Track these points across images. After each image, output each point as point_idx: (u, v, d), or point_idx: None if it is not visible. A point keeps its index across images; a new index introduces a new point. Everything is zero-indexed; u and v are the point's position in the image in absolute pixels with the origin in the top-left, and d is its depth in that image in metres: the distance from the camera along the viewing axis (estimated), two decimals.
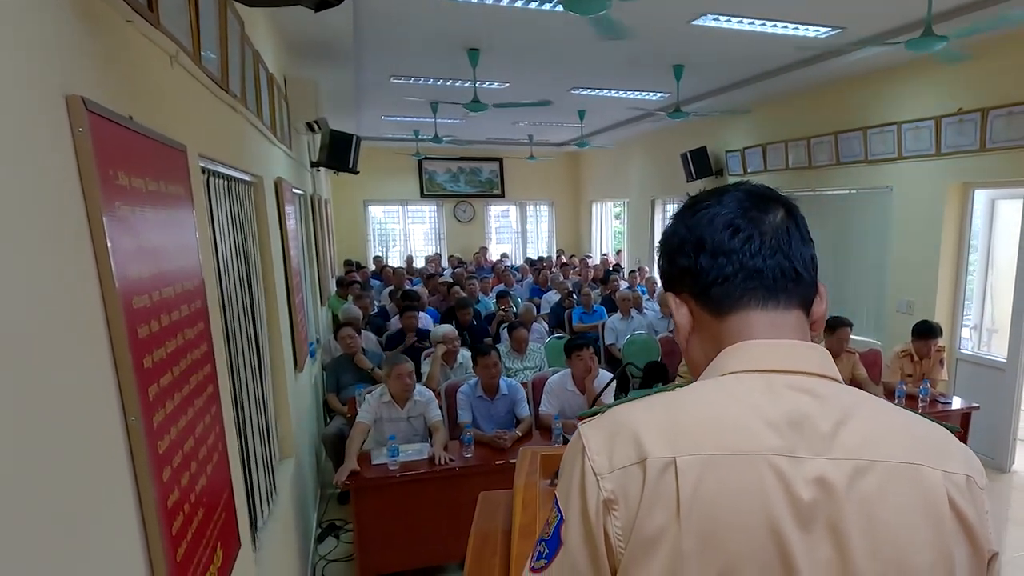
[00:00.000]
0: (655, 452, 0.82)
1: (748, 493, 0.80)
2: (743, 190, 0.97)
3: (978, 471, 0.86)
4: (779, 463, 0.81)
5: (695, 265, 0.95)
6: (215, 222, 2.42)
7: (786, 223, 0.94)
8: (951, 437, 0.89)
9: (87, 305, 1.13)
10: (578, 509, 0.86)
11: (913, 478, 0.81)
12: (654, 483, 0.81)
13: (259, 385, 3.06)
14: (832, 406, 0.85)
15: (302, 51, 5.71)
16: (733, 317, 0.93)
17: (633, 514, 0.82)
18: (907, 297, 6.47)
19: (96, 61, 1.28)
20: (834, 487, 0.80)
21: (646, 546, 0.81)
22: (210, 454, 1.72)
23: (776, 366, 0.88)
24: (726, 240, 0.93)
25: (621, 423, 0.87)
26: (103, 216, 1.15)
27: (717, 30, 5.29)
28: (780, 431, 0.82)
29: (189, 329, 1.64)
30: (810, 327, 0.97)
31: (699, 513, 0.79)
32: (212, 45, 2.37)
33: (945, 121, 5.80)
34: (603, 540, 0.83)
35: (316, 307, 7.14)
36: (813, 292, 0.96)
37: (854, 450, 0.82)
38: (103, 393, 1.15)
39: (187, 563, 1.42)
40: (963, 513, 0.82)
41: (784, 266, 0.92)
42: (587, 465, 0.86)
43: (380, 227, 15.55)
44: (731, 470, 0.81)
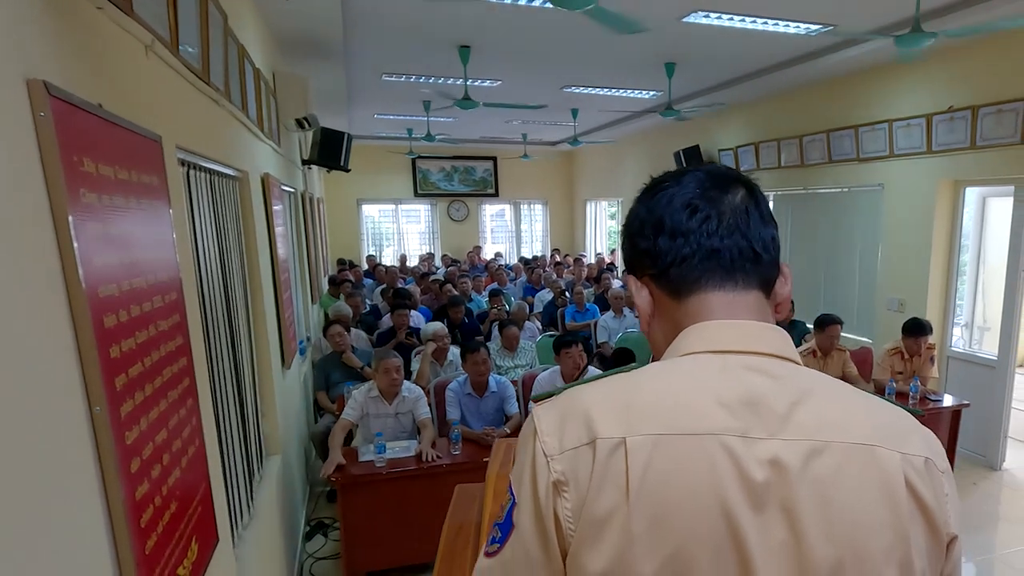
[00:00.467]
0: (605, 432, 0.81)
1: (699, 473, 0.78)
2: (704, 170, 0.95)
3: (938, 454, 0.85)
4: (731, 443, 0.79)
5: (654, 247, 0.93)
6: (195, 215, 2.41)
7: (746, 203, 0.92)
8: (912, 420, 0.88)
9: (49, 291, 1.11)
10: (529, 491, 0.84)
11: (869, 459, 0.80)
12: (604, 463, 0.80)
13: (244, 381, 3.05)
14: (788, 387, 0.83)
15: (291, 47, 5.69)
16: (692, 298, 0.91)
17: (583, 495, 0.80)
18: (898, 295, 6.47)
19: (63, 47, 1.26)
20: (787, 468, 0.78)
21: (595, 527, 0.79)
22: (185, 447, 1.70)
23: (733, 347, 0.86)
24: (684, 220, 0.91)
25: (573, 404, 0.86)
26: (66, 202, 1.13)
27: (707, 27, 5.27)
28: (734, 411, 0.81)
29: (163, 321, 1.62)
30: (775, 308, 0.96)
31: (649, 494, 0.78)
32: (192, 37, 2.35)
33: (936, 119, 5.80)
34: (553, 522, 0.82)
35: (307, 305, 7.12)
36: (774, 273, 0.95)
37: (809, 431, 0.80)
38: (65, 381, 1.14)
39: (157, 556, 1.40)
40: (920, 495, 0.80)
41: (742, 246, 0.90)
42: (538, 447, 0.85)
43: (374, 226, 15.52)
44: (682, 450, 0.79)
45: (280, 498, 3.61)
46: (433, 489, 3.92)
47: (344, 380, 5.50)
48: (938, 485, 0.83)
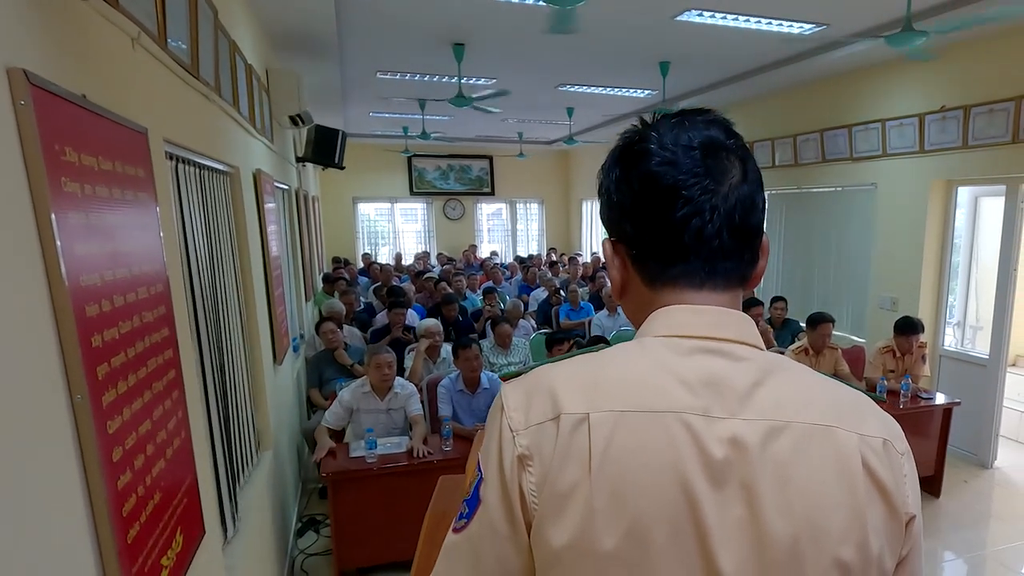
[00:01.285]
0: (569, 408, 0.82)
1: (659, 450, 0.79)
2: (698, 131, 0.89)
3: (897, 436, 0.87)
4: (692, 421, 0.80)
5: (631, 229, 0.91)
6: (184, 209, 2.41)
7: (738, 189, 0.87)
8: (872, 404, 0.89)
9: (29, 279, 1.11)
10: (495, 466, 0.85)
11: (827, 440, 0.81)
12: (567, 438, 0.81)
13: (235, 376, 3.05)
14: (749, 369, 0.84)
15: (285, 44, 5.68)
16: (666, 292, 0.90)
17: (547, 469, 0.81)
18: (891, 294, 6.49)
19: (45, 37, 1.26)
20: (747, 447, 0.79)
21: (558, 502, 0.80)
22: (170, 438, 1.71)
23: (698, 332, 0.86)
24: (669, 213, 0.86)
25: (539, 381, 0.87)
26: (47, 190, 1.13)
27: (701, 26, 5.28)
28: (695, 391, 0.82)
29: (148, 312, 1.62)
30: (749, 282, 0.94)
31: (610, 469, 0.79)
32: (181, 31, 2.35)
33: (928, 118, 5.83)
34: (518, 496, 0.83)
35: (301, 302, 7.12)
36: (754, 265, 0.92)
37: (768, 411, 0.82)
38: (46, 369, 1.14)
39: (140, 545, 1.40)
40: (878, 475, 0.82)
41: (728, 247, 0.87)
42: (504, 422, 0.86)
43: (370, 225, 15.53)
44: (643, 427, 0.80)
45: (271, 493, 3.61)
46: (424, 485, 3.88)
47: (337, 377, 5.50)
48: (896, 466, 0.84)
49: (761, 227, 0.92)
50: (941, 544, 4.59)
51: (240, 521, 2.85)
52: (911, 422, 4.92)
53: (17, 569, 1.02)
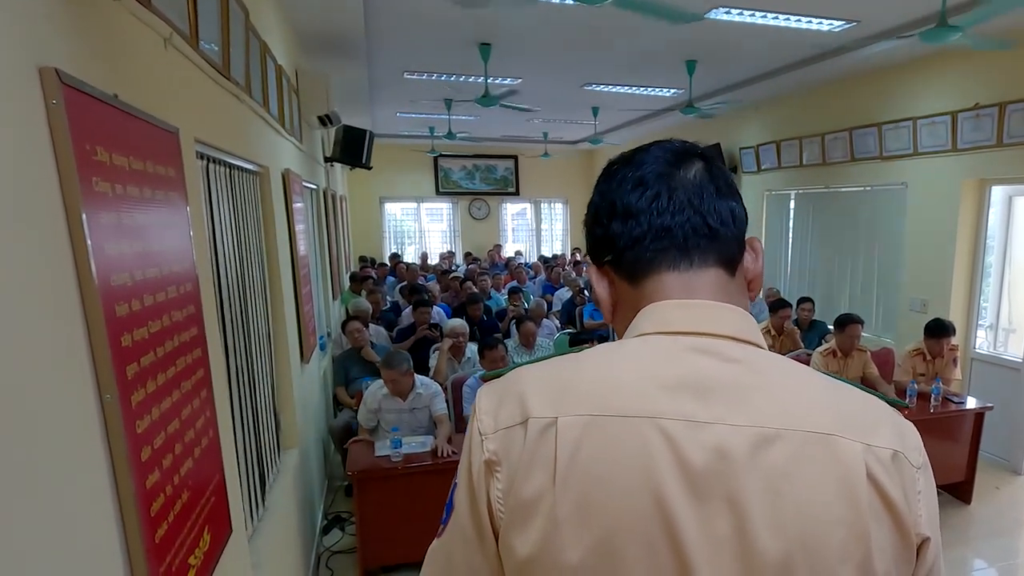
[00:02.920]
0: (537, 412, 0.78)
1: (630, 458, 0.74)
2: (660, 146, 0.91)
3: (912, 448, 0.79)
4: (670, 427, 0.74)
5: (608, 231, 0.89)
6: (215, 208, 2.42)
7: (700, 177, 0.87)
8: (886, 410, 0.82)
9: (60, 279, 1.11)
10: (466, 471, 0.83)
11: (826, 450, 0.74)
12: (534, 444, 0.77)
13: (262, 374, 3.06)
14: (742, 370, 0.78)
15: (314, 45, 5.71)
16: (647, 281, 0.87)
17: (513, 476, 0.78)
18: (921, 296, 6.39)
19: (77, 37, 1.27)
20: (733, 456, 0.73)
21: (523, 510, 0.77)
22: (198, 437, 1.71)
23: (684, 328, 0.82)
24: (634, 201, 0.87)
25: (512, 384, 0.84)
26: (79, 190, 1.14)
27: (729, 24, 5.23)
28: (676, 394, 0.76)
29: (177, 311, 1.63)
30: (747, 285, 0.92)
31: (577, 478, 0.75)
32: (213, 32, 2.36)
33: (961, 116, 5.71)
34: (485, 502, 0.80)
35: (328, 301, 7.17)
36: (736, 248, 0.88)
37: (761, 417, 0.75)
38: (76, 368, 1.14)
39: (168, 544, 1.41)
40: (885, 491, 0.74)
41: (695, 222, 0.85)
42: (475, 425, 0.83)
43: (397, 224, 15.59)
44: (613, 433, 0.75)
45: (297, 491, 3.63)
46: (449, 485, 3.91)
47: (363, 376, 5.52)
48: (909, 481, 0.77)
49: (737, 215, 0.88)
50: (972, 552, 4.51)
51: (266, 519, 2.87)
52: (942, 427, 4.84)
53: (45, 567, 1.03)
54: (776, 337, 6.33)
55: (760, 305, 7.73)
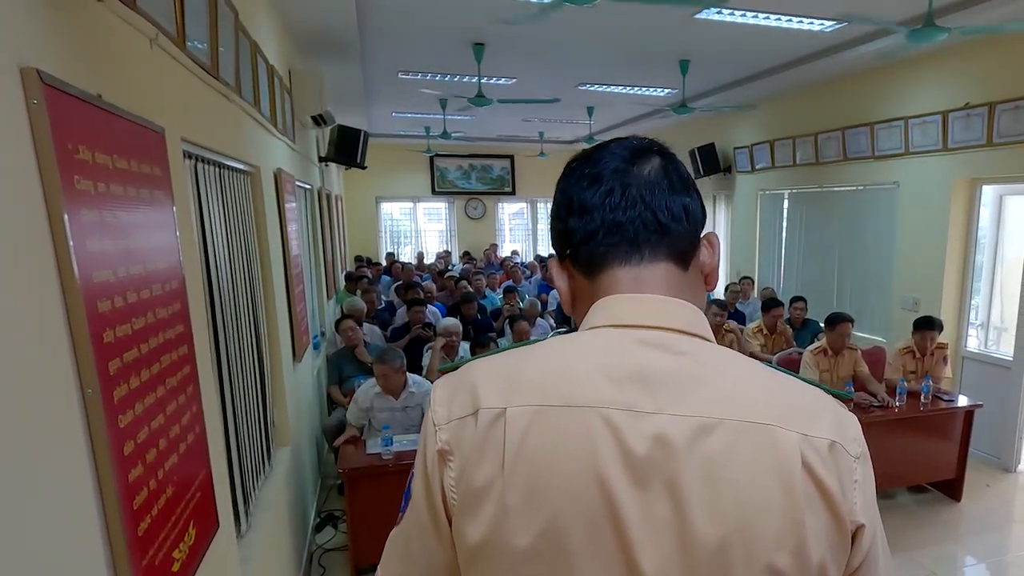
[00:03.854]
0: (487, 403, 0.81)
1: (575, 446, 0.77)
2: (619, 143, 0.92)
3: (851, 439, 0.81)
4: (614, 416, 0.77)
5: (566, 227, 0.91)
6: (204, 208, 2.44)
7: (656, 174, 0.89)
8: (830, 403, 0.84)
9: (41, 275, 1.13)
10: (421, 460, 0.86)
11: (763, 439, 0.77)
12: (484, 433, 0.80)
13: (253, 372, 3.08)
14: (687, 362, 0.81)
15: (307, 45, 5.72)
16: (601, 276, 0.89)
17: (464, 465, 0.81)
18: (913, 294, 6.42)
19: (60, 37, 1.29)
20: (673, 444, 0.76)
21: (474, 497, 0.80)
22: (184, 433, 1.73)
23: (633, 321, 0.84)
24: (589, 197, 0.88)
25: (465, 376, 0.87)
26: (60, 188, 1.15)
27: (721, 24, 5.26)
28: (621, 385, 0.79)
29: (162, 308, 1.64)
30: (704, 279, 0.94)
31: (524, 466, 0.77)
32: (201, 32, 2.37)
33: (952, 116, 5.74)
34: (439, 491, 0.83)
35: (323, 300, 7.18)
36: (688, 243, 0.90)
37: (701, 407, 0.78)
38: (58, 364, 1.16)
39: (151, 537, 1.43)
40: (820, 480, 0.76)
41: (646, 217, 0.87)
42: (429, 416, 0.86)
43: (393, 224, 15.60)
44: (560, 422, 0.78)
45: (289, 489, 3.64)
46: None
47: (356, 374, 5.53)
48: (845, 470, 0.79)
49: (690, 211, 0.90)
50: (962, 549, 4.54)
51: (257, 515, 2.89)
52: (932, 425, 4.87)
53: (28, 560, 1.05)
54: (768, 336, 6.36)
55: (754, 304, 7.77)
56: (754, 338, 6.32)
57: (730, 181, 9.62)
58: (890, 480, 4.92)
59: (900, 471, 4.87)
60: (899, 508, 4.98)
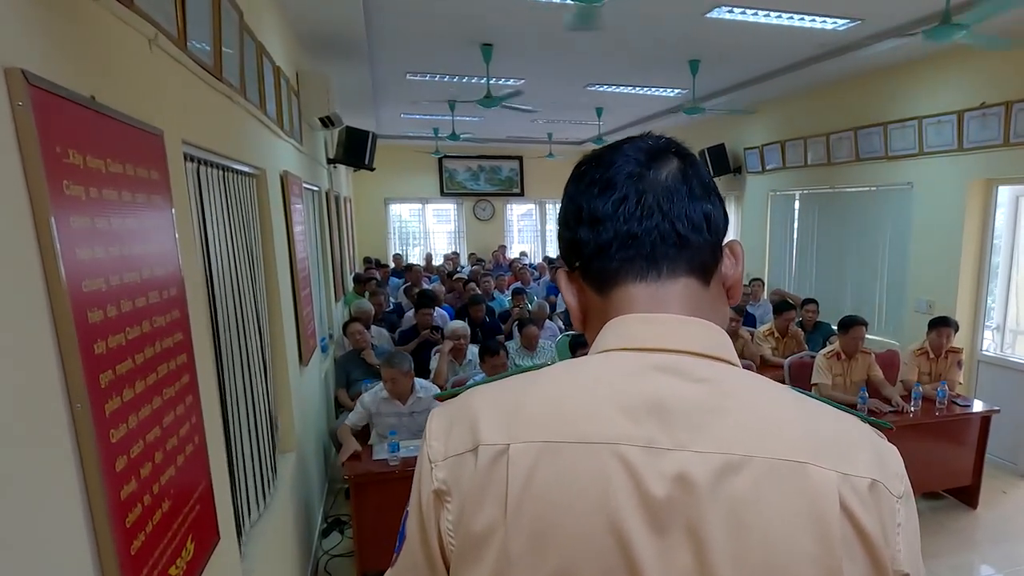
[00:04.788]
0: (488, 438, 0.74)
1: (586, 487, 0.70)
2: (632, 144, 0.84)
3: (894, 476, 0.73)
4: (629, 454, 0.70)
5: (576, 237, 0.83)
6: (206, 211, 2.40)
7: (674, 179, 0.81)
8: (868, 435, 0.76)
9: (26, 285, 1.09)
10: (416, 499, 0.79)
11: (796, 478, 0.69)
12: (485, 473, 0.72)
13: (257, 379, 3.03)
14: (709, 391, 0.73)
15: (315, 47, 5.70)
16: (614, 292, 0.81)
17: (463, 507, 0.74)
18: (927, 297, 6.33)
19: (49, 38, 1.24)
20: (696, 484, 0.68)
21: (474, 544, 0.72)
22: (182, 444, 1.68)
23: (648, 344, 0.76)
24: (600, 205, 0.80)
25: (464, 406, 0.79)
26: (47, 193, 1.11)
27: (731, 23, 5.19)
28: (637, 418, 0.71)
29: (159, 316, 1.60)
30: (727, 293, 0.86)
31: (530, 510, 0.70)
32: (204, 33, 2.34)
33: (968, 115, 5.65)
34: (436, 533, 0.76)
35: (331, 303, 7.15)
36: (711, 255, 0.82)
37: (727, 443, 0.70)
38: (45, 378, 1.11)
39: (146, 555, 1.38)
40: (860, 523, 0.69)
41: (663, 229, 0.79)
42: (425, 452, 0.79)
43: (402, 225, 15.59)
44: (569, 460, 0.71)
45: (294, 495, 3.60)
46: None
47: (364, 378, 5.49)
48: (887, 513, 0.71)
49: (712, 220, 0.82)
50: (978, 557, 4.46)
51: (262, 524, 2.84)
52: (947, 430, 4.79)
53: None
54: (779, 339, 6.29)
55: (764, 306, 7.69)
56: (765, 341, 6.25)
57: (740, 182, 9.54)
58: None
59: (915, 477, 4.58)
60: None
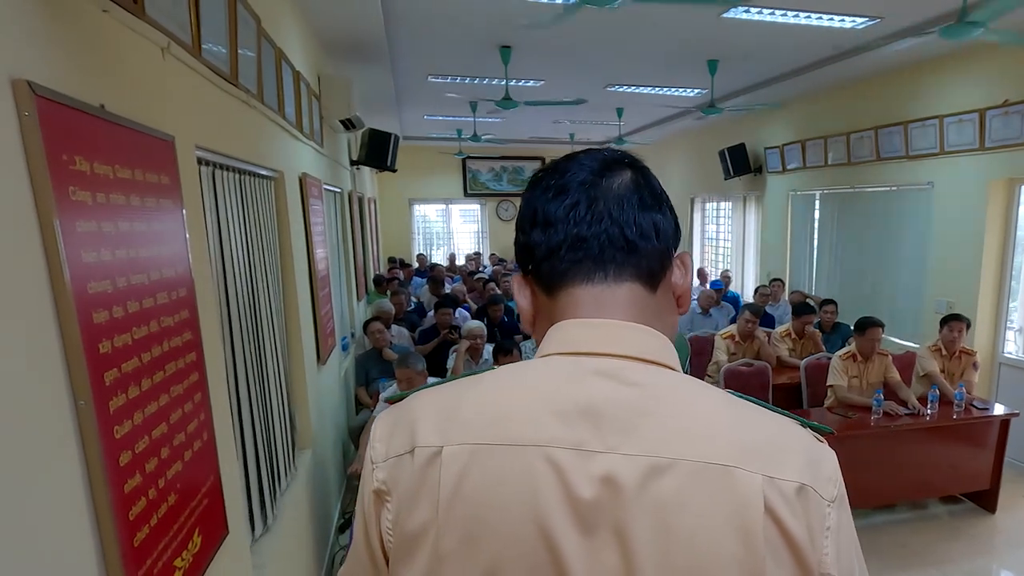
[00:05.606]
0: (424, 440, 0.76)
1: (515, 489, 0.71)
2: (589, 155, 0.86)
3: (827, 480, 0.74)
4: (559, 456, 0.71)
5: (529, 240, 0.85)
6: (221, 213, 2.45)
7: (626, 188, 0.83)
8: (802, 439, 0.77)
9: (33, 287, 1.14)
10: (360, 500, 0.82)
11: (722, 482, 0.70)
12: (420, 474, 0.75)
13: (275, 376, 3.09)
14: (644, 394, 0.74)
15: (337, 51, 5.78)
16: (562, 294, 0.83)
17: (400, 508, 0.76)
18: (947, 298, 6.26)
19: (58, 48, 1.29)
20: (622, 486, 0.70)
21: (409, 544, 0.75)
22: (190, 441, 1.74)
23: (588, 348, 0.78)
24: (553, 209, 0.82)
25: (408, 408, 0.82)
26: (52, 199, 1.16)
27: (749, 23, 5.19)
28: (569, 421, 0.73)
29: (168, 317, 1.65)
30: (676, 302, 0.88)
31: (461, 511, 0.72)
32: (220, 40, 2.39)
33: (990, 114, 5.58)
34: (377, 534, 0.79)
35: (353, 302, 7.23)
36: (658, 262, 0.83)
37: (655, 446, 0.71)
38: (50, 376, 1.16)
39: (148, 547, 1.42)
40: (785, 526, 0.69)
41: (612, 233, 0.81)
42: (368, 453, 0.82)
43: (427, 226, 15.70)
44: (499, 463, 0.72)
45: (310, 491, 3.66)
46: None
47: (382, 376, 5.55)
48: (816, 517, 0.71)
49: (660, 229, 0.84)
50: (996, 563, 4.40)
51: (277, 519, 2.90)
52: (966, 433, 4.73)
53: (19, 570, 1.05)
54: (797, 340, 6.25)
55: (784, 307, 7.65)
56: (782, 342, 6.22)
57: (761, 182, 9.49)
58: (922, 490, 4.82)
59: (932, 480, 4.76)
60: (931, 519, 4.86)
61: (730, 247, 11.17)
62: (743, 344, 5.83)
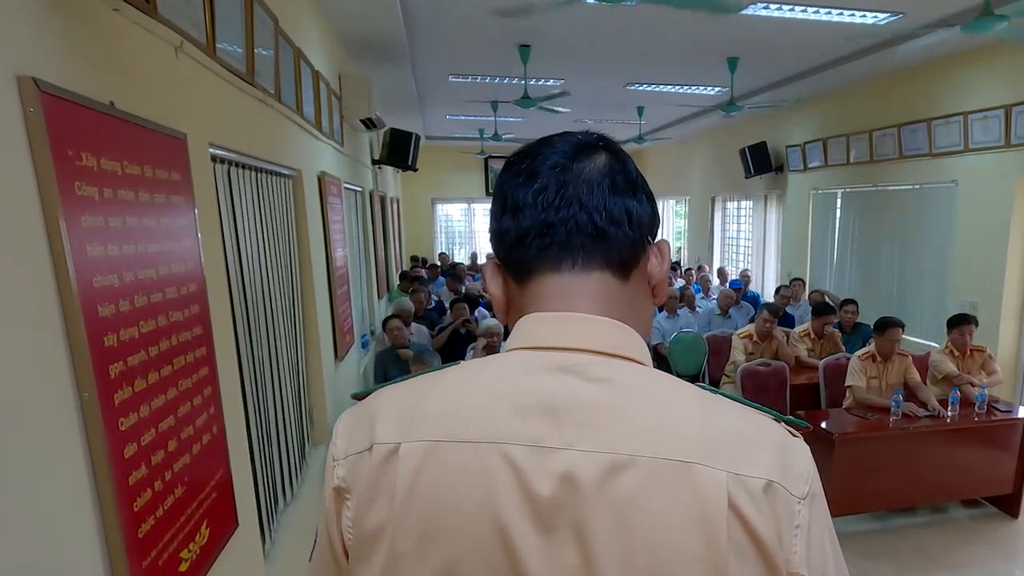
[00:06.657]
0: (382, 437, 0.74)
1: (471, 487, 0.70)
2: (563, 138, 0.83)
3: (798, 477, 0.71)
4: (516, 453, 0.69)
5: (500, 227, 0.82)
6: (236, 210, 2.48)
7: (599, 172, 0.79)
8: (774, 435, 0.74)
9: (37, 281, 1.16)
10: (322, 497, 0.80)
11: (683, 479, 0.67)
12: (377, 472, 0.73)
13: (289, 372, 3.12)
14: (607, 390, 0.72)
15: (358, 51, 5.82)
16: (531, 283, 0.80)
17: (358, 505, 0.75)
18: (971, 298, 6.14)
19: (68, 46, 1.32)
20: (581, 484, 0.68)
21: (367, 543, 0.73)
22: (199, 434, 1.76)
23: (551, 343, 0.76)
24: (522, 194, 0.79)
25: (370, 405, 0.80)
26: (57, 194, 1.18)
27: (768, 19, 5.14)
28: (528, 417, 0.71)
29: (177, 311, 1.67)
30: (652, 292, 0.85)
31: (418, 508, 0.70)
32: (236, 39, 2.41)
33: (1016, 110, 5.47)
34: (338, 531, 0.77)
35: (374, 300, 7.27)
36: (629, 251, 0.80)
37: (616, 442, 0.69)
38: (54, 368, 1.19)
39: (154, 538, 1.45)
40: (751, 524, 0.67)
41: (581, 219, 0.77)
42: (330, 450, 0.80)
43: (449, 225, 15.78)
44: (456, 460, 0.71)
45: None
46: None
47: (401, 374, 5.54)
48: (784, 514, 0.69)
49: (634, 215, 0.80)
50: (1018, 568, 4.31)
51: (291, 512, 2.93)
52: (988, 436, 4.64)
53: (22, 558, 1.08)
54: (816, 340, 6.19)
55: (804, 307, 7.57)
56: (801, 342, 6.15)
57: (782, 180, 9.41)
58: (942, 493, 4.73)
59: (953, 484, 4.67)
60: (951, 523, 4.78)
61: (750, 246, 11.09)
62: (761, 344, 5.78)
